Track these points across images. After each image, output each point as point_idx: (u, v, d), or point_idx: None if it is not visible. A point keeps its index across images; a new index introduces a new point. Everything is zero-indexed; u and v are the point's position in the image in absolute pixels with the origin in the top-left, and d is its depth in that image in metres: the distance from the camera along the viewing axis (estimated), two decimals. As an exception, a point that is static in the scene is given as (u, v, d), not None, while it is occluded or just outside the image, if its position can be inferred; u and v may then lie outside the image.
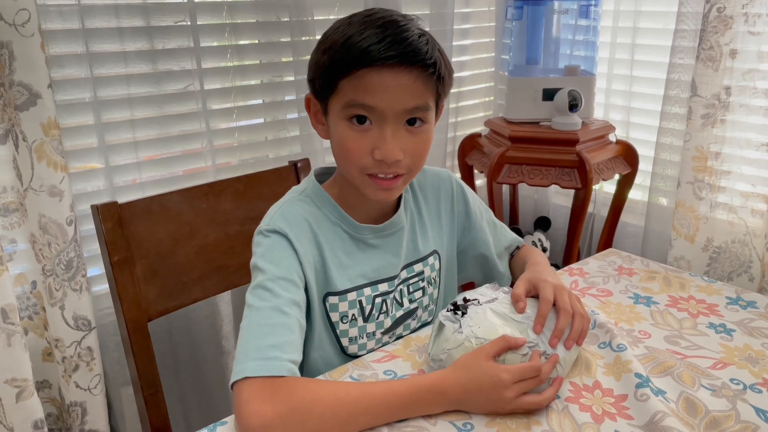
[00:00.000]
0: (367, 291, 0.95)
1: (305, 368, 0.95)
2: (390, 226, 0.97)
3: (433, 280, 1.03)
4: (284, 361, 0.78)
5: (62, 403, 1.35)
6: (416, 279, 1.01)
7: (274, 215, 0.92)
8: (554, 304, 0.87)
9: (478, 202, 1.11)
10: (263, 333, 0.81)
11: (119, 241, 1.08)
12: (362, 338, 0.96)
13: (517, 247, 1.15)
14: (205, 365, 1.57)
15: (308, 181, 0.98)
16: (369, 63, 0.81)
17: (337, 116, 0.86)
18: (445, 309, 0.88)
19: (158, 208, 1.14)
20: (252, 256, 0.90)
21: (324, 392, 0.78)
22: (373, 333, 0.97)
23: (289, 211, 0.92)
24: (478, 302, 0.87)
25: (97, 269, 1.40)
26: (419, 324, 1.03)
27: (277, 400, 0.75)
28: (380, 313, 0.97)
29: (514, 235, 1.15)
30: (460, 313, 0.86)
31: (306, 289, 0.90)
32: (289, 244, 0.88)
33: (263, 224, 0.91)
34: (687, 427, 0.78)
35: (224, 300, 1.54)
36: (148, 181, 1.44)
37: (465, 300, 0.88)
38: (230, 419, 0.81)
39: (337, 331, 0.94)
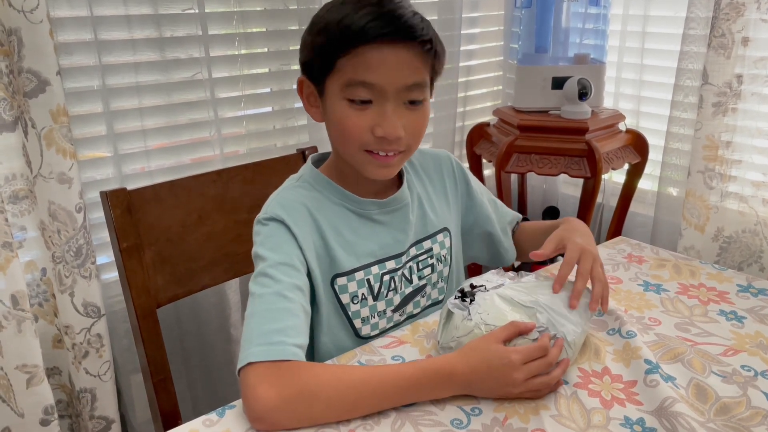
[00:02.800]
0: (375, 269, 0.95)
1: (316, 354, 0.95)
2: (394, 202, 0.98)
3: (443, 258, 1.03)
4: (288, 346, 0.79)
5: (72, 390, 1.36)
6: (425, 256, 1.01)
7: (271, 203, 0.92)
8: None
9: (476, 181, 1.13)
10: (266, 319, 0.81)
11: (128, 228, 1.08)
12: (374, 317, 0.96)
13: (518, 223, 1.17)
14: (214, 353, 1.58)
15: (305, 167, 0.99)
16: (368, 39, 0.82)
17: (336, 96, 0.86)
18: (453, 297, 0.87)
19: (167, 195, 1.14)
20: (253, 246, 0.90)
21: (330, 376, 0.78)
22: (384, 311, 0.97)
23: (285, 198, 0.93)
24: (485, 288, 0.87)
25: (105, 257, 1.41)
26: (429, 302, 1.03)
27: (282, 383, 0.75)
28: (389, 290, 0.97)
29: (512, 211, 1.17)
30: (468, 300, 0.85)
31: (309, 275, 0.90)
32: (287, 230, 0.89)
33: (261, 213, 0.92)
34: (697, 413, 0.77)
35: (232, 288, 1.55)
36: (157, 169, 1.45)
37: (472, 286, 0.88)
38: (239, 402, 0.81)
39: (349, 312, 0.94)
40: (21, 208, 1.24)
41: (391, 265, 0.97)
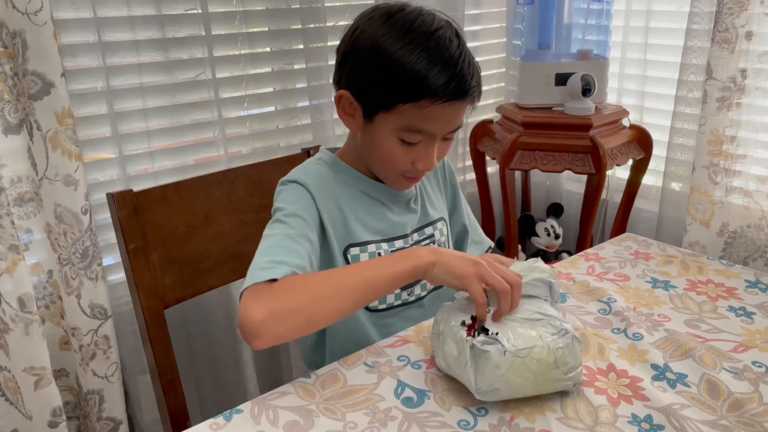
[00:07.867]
0: (384, 246, 1.00)
1: (328, 328, 1.00)
2: (403, 195, 1.03)
3: (442, 244, 1.08)
4: (285, 266, 0.82)
5: (80, 391, 1.36)
6: (428, 241, 1.06)
7: (295, 171, 0.98)
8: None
9: (463, 198, 1.17)
10: (269, 252, 0.85)
11: (135, 229, 1.08)
12: None
13: (489, 248, 1.19)
14: (221, 353, 1.58)
15: (321, 152, 1.04)
16: (440, 100, 0.86)
17: (388, 131, 0.91)
18: (471, 337, 0.79)
19: (173, 195, 1.14)
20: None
21: (315, 275, 0.87)
22: None
23: (309, 168, 0.99)
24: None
25: (111, 259, 1.41)
26: (432, 286, 1.07)
27: (273, 297, 0.80)
28: None
29: (486, 238, 1.20)
30: (493, 333, 0.79)
31: (326, 240, 0.95)
32: (307, 191, 0.94)
33: (284, 178, 0.97)
34: (709, 410, 0.77)
35: (239, 288, 1.54)
36: (161, 170, 1.45)
37: (473, 318, 0.82)
38: (245, 407, 0.81)
39: None
40: (27, 211, 1.24)
41: (399, 243, 1.02)
